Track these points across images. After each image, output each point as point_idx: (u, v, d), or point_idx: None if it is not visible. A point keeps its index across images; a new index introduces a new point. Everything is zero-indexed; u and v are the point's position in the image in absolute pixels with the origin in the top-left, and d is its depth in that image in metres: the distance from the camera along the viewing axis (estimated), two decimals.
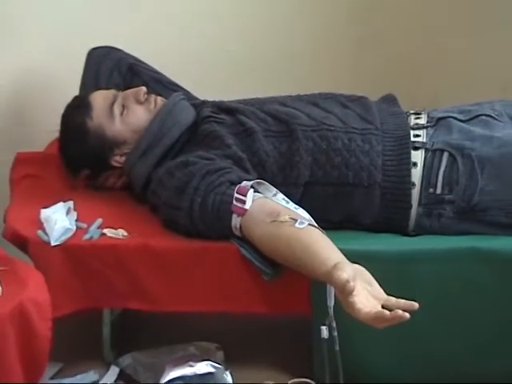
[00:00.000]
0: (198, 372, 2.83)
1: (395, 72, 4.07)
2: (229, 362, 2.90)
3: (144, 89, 3.14)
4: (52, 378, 2.93)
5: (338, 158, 2.93)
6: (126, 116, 3.09)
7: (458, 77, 4.09)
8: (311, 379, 2.77)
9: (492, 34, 4.04)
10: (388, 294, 2.36)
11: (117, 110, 3.09)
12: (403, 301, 2.32)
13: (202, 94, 3.31)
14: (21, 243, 2.88)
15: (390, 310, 2.30)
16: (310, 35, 4.04)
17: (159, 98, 3.15)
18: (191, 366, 2.84)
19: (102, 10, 3.53)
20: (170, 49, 3.58)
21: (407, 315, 2.20)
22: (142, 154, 3.05)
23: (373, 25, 4.14)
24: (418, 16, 4.19)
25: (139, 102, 3.11)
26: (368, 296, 2.36)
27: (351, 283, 2.23)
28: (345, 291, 2.25)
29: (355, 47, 4.14)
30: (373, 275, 2.42)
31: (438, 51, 4.18)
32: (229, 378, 2.84)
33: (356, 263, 2.43)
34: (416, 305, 2.28)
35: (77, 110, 3.14)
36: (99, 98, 3.13)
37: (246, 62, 3.90)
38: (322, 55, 4.06)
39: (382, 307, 2.32)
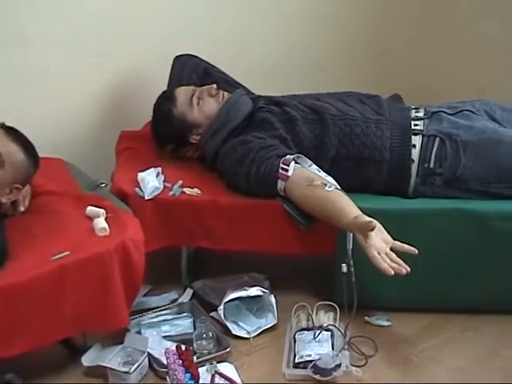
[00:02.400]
0: (251, 294, 2.86)
1: (401, 78, 4.06)
2: (273, 288, 2.93)
3: (215, 86, 3.15)
4: (144, 296, 2.99)
5: (357, 140, 2.94)
6: (201, 106, 3.10)
7: (446, 82, 4.08)
8: (333, 302, 2.77)
9: (473, 52, 4.02)
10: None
11: (195, 101, 3.10)
12: (407, 246, 2.47)
13: (258, 90, 3.31)
14: (123, 197, 2.91)
15: (395, 253, 2.46)
16: (341, 49, 4.07)
17: (226, 93, 3.16)
18: (246, 290, 2.87)
19: (185, 26, 3.53)
20: (234, 57, 3.58)
21: (403, 271, 2.42)
22: (212, 134, 3.07)
23: (387, 43, 4.15)
24: (418, 38, 4.18)
25: (211, 96, 3.13)
26: (380, 240, 2.45)
27: (373, 222, 2.42)
28: (369, 227, 2.43)
29: (374, 59, 4.14)
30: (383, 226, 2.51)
31: (433, 63, 4.18)
32: (273, 300, 2.87)
33: (370, 217, 2.51)
34: (416, 251, 2.43)
35: (165, 100, 3.16)
36: (182, 92, 3.15)
37: (290, 69, 3.90)
38: (348, 64, 4.08)
39: (390, 249, 2.46)
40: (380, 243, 2.47)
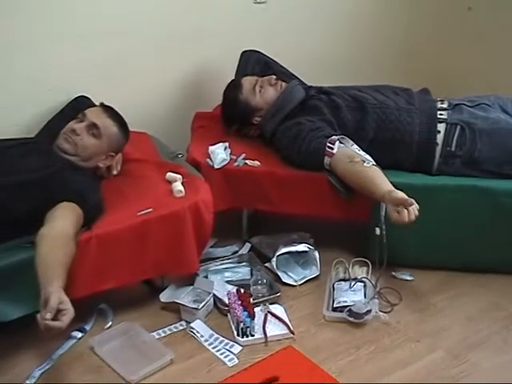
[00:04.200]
0: (299, 250, 2.88)
1: (428, 73, 4.01)
2: (317, 245, 2.93)
3: (274, 77, 3.14)
4: (211, 247, 3.01)
5: (391, 125, 2.93)
6: (262, 93, 3.10)
7: (466, 80, 4.03)
8: (367, 259, 2.79)
9: (487, 55, 3.99)
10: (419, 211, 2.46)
11: (257, 89, 3.10)
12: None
13: (310, 81, 3.29)
14: (196, 166, 2.93)
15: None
16: (379, 49, 4.08)
17: (283, 83, 3.15)
18: (294, 245, 2.89)
19: (250, 25, 3.55)
20: (291, 52, 3.55)
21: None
22: (271, 116, 3.06)
23: (407, 44, 4.15)
24: (442, 42, 4.16)
25: (271, 85, 3.12)
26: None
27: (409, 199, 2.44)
28: (407, 202, 2.44)
29: (405, 58, 4.13)
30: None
31: (452, 63, 4.16)
32: (316, 255, 2.89)
33: (399, 190, 2.53)
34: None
35: (233, 88, 3.16)
36: (247, 81, 3.14)
37: (337, 64, 3.87)
38: (384, 61, 4.07)
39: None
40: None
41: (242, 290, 2.65)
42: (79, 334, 2.50)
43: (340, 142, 2.81)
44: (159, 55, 3.29)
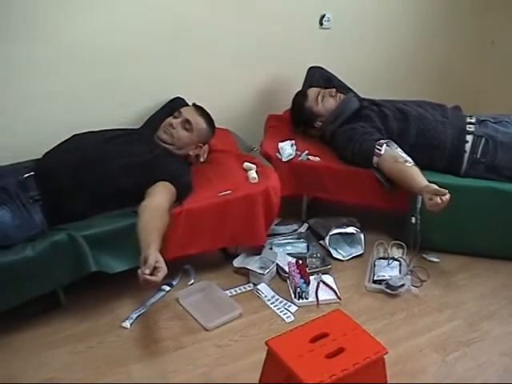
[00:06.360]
0: (347, 231, 2.88)
1: (459, 93, 3.94)
2: (362, 229, 2.92)
3: (334, 89, 3.13)
4: (276, 225, 2.99)
5: (429, 134, 2.89)
6: (324, 102, 3.08)
7: (490, 100, 3.97)
8: (403, 242, 2.76)
9: (506, 82, 3.96)
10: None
11: (320, 99, 3.09)
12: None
13: (364, 94, 3.26)
14: (268, 158, 2.93)
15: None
16: (419, 72, 4.00)
17: (341, 95, 3.13)
18: (344, 228, 2.88)
19: (314, 48, 3.51)
20: (345, 70, 3.51)
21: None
22: (331, 121, 3.05)
23: (444, 70, 4.09)
24: (467, 68, 4.11)
25: (331, 96, 3.10)
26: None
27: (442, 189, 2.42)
28: (439, 192, 2.42)
29: (438, 80, 4.07)
30: None
31: (479, 86, 4.12)
32: (362, 236, 2.88)
33: None
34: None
35: (300, 96, 3.15)
36: (312, 92, 3.13)
37: (387, 80, 3.82)
38: (423, 81, 4.00)
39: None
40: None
41: (300, 261, 2.66)
42: (167, 288, 2.56)
43: (387, 145, 2.80)
44: (241, 68, 3.30)
